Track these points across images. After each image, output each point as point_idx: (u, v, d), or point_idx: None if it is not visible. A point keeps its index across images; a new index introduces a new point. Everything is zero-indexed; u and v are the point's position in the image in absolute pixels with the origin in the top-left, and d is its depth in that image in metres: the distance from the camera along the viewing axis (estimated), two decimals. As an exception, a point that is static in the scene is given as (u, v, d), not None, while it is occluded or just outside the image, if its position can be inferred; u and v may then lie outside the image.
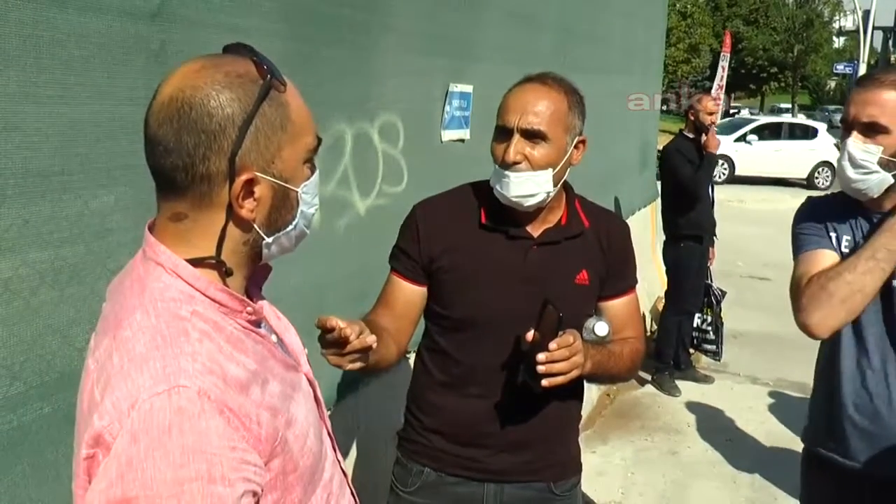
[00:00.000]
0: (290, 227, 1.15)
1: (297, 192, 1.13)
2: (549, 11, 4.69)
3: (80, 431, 1.02)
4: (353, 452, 2.93)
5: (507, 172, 1.87)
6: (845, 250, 2.09)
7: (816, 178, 19.19)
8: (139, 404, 0.95)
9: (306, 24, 2.43)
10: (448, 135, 3.47)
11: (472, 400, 1.98)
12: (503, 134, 1.90)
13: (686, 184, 5.45)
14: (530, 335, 1.75)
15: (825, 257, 2.09)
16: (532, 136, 1.86)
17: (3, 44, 1.48)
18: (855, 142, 2.02)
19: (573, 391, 2.00)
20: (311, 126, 1.15)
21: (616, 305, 2.09)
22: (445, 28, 3.40)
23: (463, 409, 1.99)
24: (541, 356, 1.68)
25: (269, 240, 1.13)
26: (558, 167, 1.90)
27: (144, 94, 1.80)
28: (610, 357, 1.94)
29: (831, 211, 2.17)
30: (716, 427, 5.16)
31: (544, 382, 1.70)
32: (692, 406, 5.48)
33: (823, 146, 19.09)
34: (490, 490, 2.01)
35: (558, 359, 1.70)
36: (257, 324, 1.17)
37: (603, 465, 4.58)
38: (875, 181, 2.01)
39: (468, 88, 3.58)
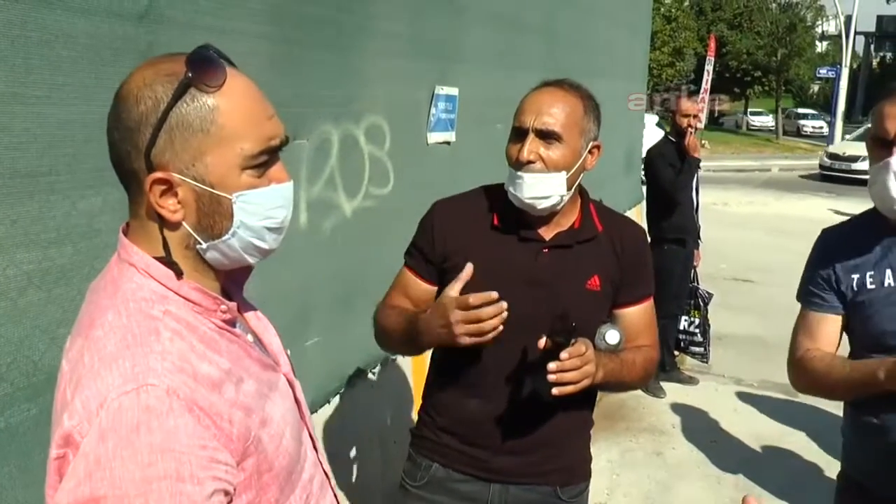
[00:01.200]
0: (227, 235, 1.10)
1: (230, 199, 1.08)
2: (534, 15, 4.71)
3: (53, 432, 1.01)
4: (340, 453, 2.93)
5: (520, 173, 1.87)
6: (870, 286, 1.98)
7: None
8: (108, 403, 0.94)
9: (293, 27, 2.44)
10: (434, 137, 3.48)
11: (481, 400, 1.98)
12: (518, 135, 1.91)
13: (666, 188, 5.49)
14: (542, 342, 1.74)
15: (822, 325, 2.07)
16: (547, 136, 1.87)
17: (-9, 44, 1.49)
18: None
19: (585, 397, 1.97)
20: (254, 132, 1.08)
21: (631, 313, 2.05)
22: (431, 31, 3.41)
23: (471, 409, 2.00)
24: (551, 365, 1.68)
25: (205, 245, 1.10)
26: (572, 170, 1.90)
27: (132, 96, 1.81)
28: (622, 366, 1.91)
29: (852, 242, 2.06)
30: (700, 428, 5.18)
31: (554, 391, 1.70)
32: (677, 407, 5.50)
33: None
34: (495, 490, 2.01)
35: (569, 368, 1.69)
36: (232, 323, 1.16)
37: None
38: None
39: (454, 91, 3.59)
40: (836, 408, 2.56)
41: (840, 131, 29.50)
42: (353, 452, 2.66)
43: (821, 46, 50.25)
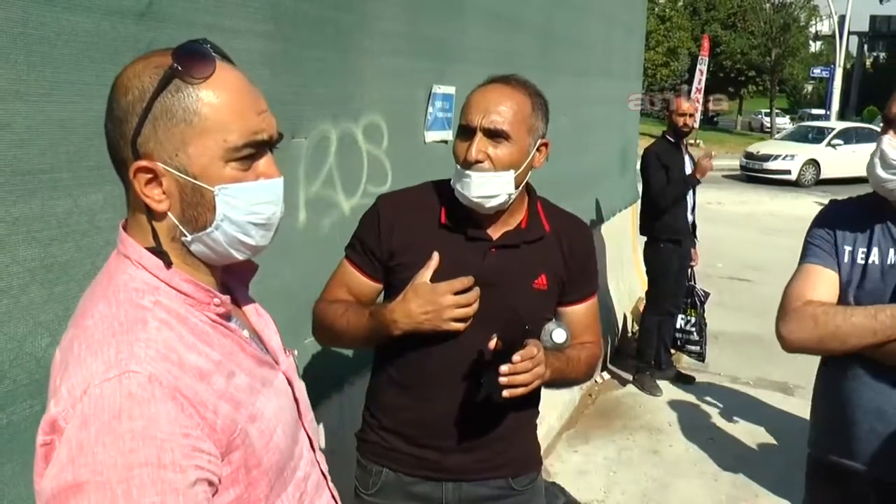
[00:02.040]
0: (210, 228, 1.10)
1: (212, 191, 1.08)
2: (530, 15, 4.72)
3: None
4: (337, 452, 2.93)
5: (468, 172, 1.86)
6: (860, 262, 2.06)
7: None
8: (90, 390, 0.95)
9: (292, 26, 2.45)
10: (431, 136, 3.49)
11: (428, 401, 1.97)
12: (466, 133, 1.89)
13: (654, 194, 5.53)
14: (493, 343, 1.73)
15: (823, 278, 2.09)
16: (495, 135, 1.85)
17: (-7, 42, 1.49)
18: (890, 140, 1.99)
19: (531, 395, 1.95)
20: (240, 125, 1.08)
21: (576, 311, 2.07)
22: (429, 30, 3.42)
23: (418, 410, 1.98)
24: (504, 368, 1.69)
25: (189, 238, 1.10)
26: (521, 169, 1.88)
27: (133, 94, 1.82)
28: (568, 363, 1.93)
29: (853, 217, 2.13)
30: (697, 426, 5.20)
31: (505, 394, 1.71)
32: (673, 405, 5.52)
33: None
34: (448, 488, 2.00)
35: (521, 371, 1.71)
36: (227, 317, 1.16)
37: (585, 464, 4.61)
38: None
39: (451, 90, 3.60)
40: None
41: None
42: (349, 454, 2.65)
43: (814, 46, 50.36)
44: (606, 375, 6.03)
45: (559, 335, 1.88)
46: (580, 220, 2.14)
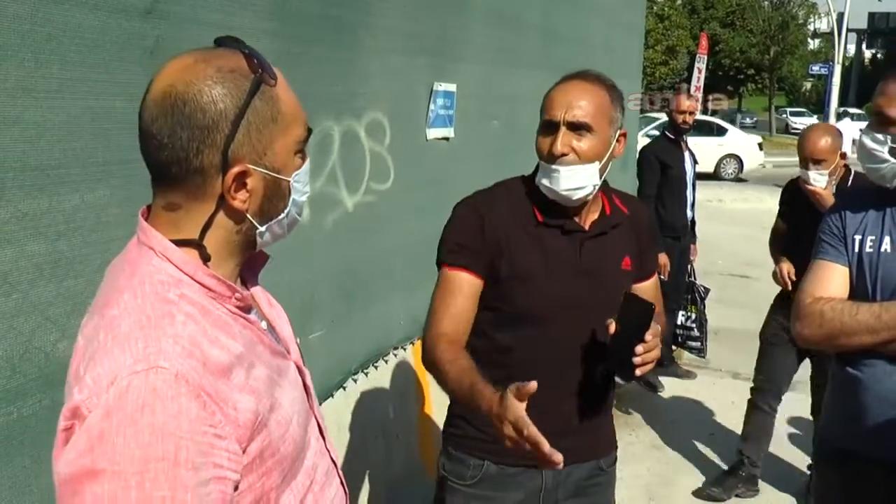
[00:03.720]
0: (283, 215, 1.17)
1: (289, 181, 1.15)
2: (531, 13, 4.74)
3: (65, 404, 1.04)
4: (343, 447, 2.95)
5: (555, 167, 1.91)
6: (869, 250, 2.10)
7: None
8: (117, 381, 0.97)
9: (296, 24, 2.46)
10: (433, 133, 3.50)
11: (537, 392, 1.99)
12: (549, 128, 1.93)
13: (642, 193, 5.57)
14: (612, 328, 1.81)
15: (833, 274, 2.13)
16: (578, 128, 1.90)
17: (2, 39, 1.50)
18: (868, 132, 2.06)
19: (612, 379, 2.11)
20: (301, 117, 1.17)
21: (647, 286, 2.17)
22: (430, 28, 3.43)
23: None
24: (639, 348, 1.75)
25: (262, 228, 1.16)
26: (604, 160, 1.94)
27: (140, 91, 1.80)
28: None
29: (862, 206, 2.17)
30: (699, 422, 5.21)
31: (638, 372, 1.78)
32: (675, 401, 5.53)
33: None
34: (549, 475, 2.06)
35: (653, 348, 1.78)
36: (247, 310, 1.18)
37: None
38: (888, 170, 2.04)
39: (452, 87, 3.61)
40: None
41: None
42: (356, 445, 2.68)
43: (813, 44, 50.40)
44: (608, 372, 6.03)
45: None
46: (640, 200, 2.21)
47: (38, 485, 1.64)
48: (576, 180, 1.91)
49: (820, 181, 3.47)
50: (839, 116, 30.66)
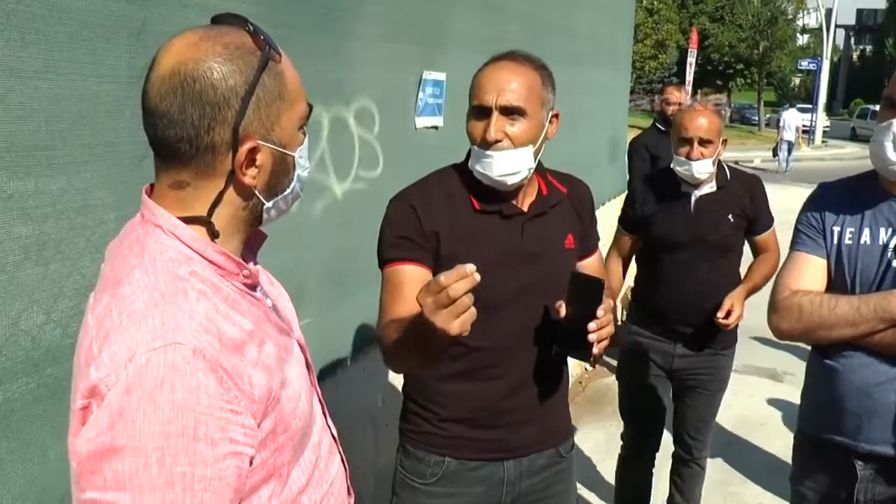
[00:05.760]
0: (288, 190, 1.20)
1: (293, 156, 1.18)
2: (519, 2, 4.73)
3: (76, 385, 1.04)
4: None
5: (489, 152, 1.87)
6: (849, 242, 2.09)
7: None
8: (136, 358, 0.97)
9: (284, 8, 2.45)
10: (422, 121, 3.50)
11: (491, 382, 1.98)
12: (481, 113, 1.89)
13: (632, 186, 5.58)
14: (562, 310, 1.79)
15: (811, 266, 2.13)
16: (511, 112, 1.86)
17: (-13, 18, 1.49)
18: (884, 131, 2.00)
19: (566, 364, 2.10)
20: (303, 93, 1.20)
21: (590, 264, 2.16)
22: (419, 16, 3.43)
23: (482, 393, 1.99)
24: (592, 325, 1.74)
25: (269, 204, 1.18)
26: (538, 143, 1.92)
27: (126, 73, 1.82)
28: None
29: (842, 198, 2.16)
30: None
31: (595, 350, 1.76)
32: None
33: None
34: (510, 466, 2.05)
35: (606, 324, 1.76)
36: (253, 287, 1.20)
37: (575, 450, 4.61)
38: None
39: (441, 76, 3.61)
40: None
41: (822, 124, 29.80)
42: (345, 433, 2.67)
43: (802, 39, 50.56)
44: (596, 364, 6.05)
45: None
46: (577, 178, 2.22)
47: (24, 468, 1.63)
48: (510, 165, 1.87)
49: (703, 172, 3.18)
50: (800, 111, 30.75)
